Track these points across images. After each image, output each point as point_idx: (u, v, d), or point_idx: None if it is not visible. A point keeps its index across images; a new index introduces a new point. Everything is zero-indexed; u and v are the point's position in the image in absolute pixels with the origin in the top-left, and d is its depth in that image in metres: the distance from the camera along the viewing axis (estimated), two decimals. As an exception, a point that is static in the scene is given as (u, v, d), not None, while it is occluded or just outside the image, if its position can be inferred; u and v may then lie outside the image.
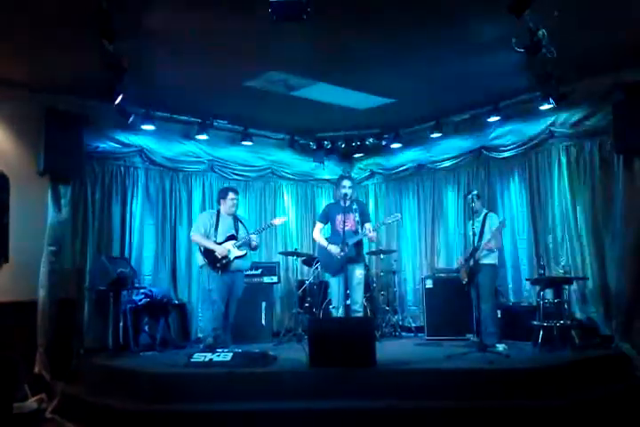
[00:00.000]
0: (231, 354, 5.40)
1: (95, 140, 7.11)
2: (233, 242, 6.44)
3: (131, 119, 6.50)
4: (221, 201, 6.67)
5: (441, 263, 8.45)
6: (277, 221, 7.14)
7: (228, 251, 6.37)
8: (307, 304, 7.82)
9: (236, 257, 6.42)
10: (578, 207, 6.95)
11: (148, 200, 7.72)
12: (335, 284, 6.39)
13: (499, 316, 6.82)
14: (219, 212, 6.66)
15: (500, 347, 6.07)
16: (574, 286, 6.73)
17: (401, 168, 9.09)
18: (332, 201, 6.91)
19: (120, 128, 7.20)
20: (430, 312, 7.51)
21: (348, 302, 6.04)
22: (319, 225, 6.69)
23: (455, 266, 7.55)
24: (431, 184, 8.79)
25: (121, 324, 6.57)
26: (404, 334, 8.06)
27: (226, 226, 6.54)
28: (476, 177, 8.17)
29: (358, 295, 6.31)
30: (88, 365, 6.14)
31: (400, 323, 8.29)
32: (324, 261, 6.63)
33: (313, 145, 9.10)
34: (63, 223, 6.65)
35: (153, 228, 7.69)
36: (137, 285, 6.96)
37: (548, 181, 7.32)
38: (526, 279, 7.20)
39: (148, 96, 6.95)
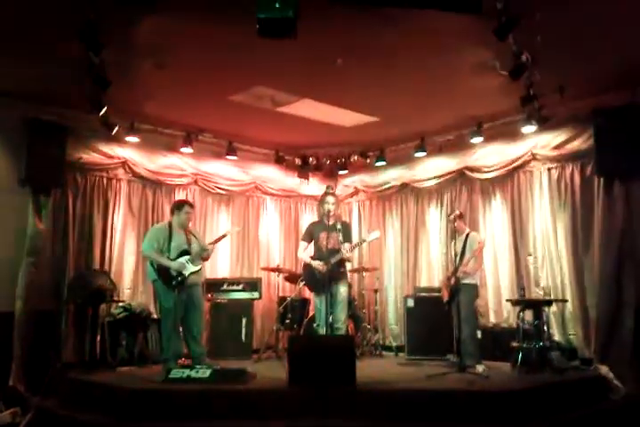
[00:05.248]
0: (210, 371, 5.34)
1: (78, 150, 7.07)
2: (187, 257, 6.11)
3: (114, 131, 6.49)
4: (175, 212, 6.29)
5: (423, 282, 8.47)
6: (231, 231, 7.08)
7: (184, 267, 6.09)
8: (287, 321, 7.77)
9: (192, 273, 6.15)
10: (558, 229, 7.03)
11: (130, 213, 7.67)
12: (319, 302, 6.39)
13: (479, 336, 6.83)
14: (170, 225, 6.28)
15: (480, 368, 6.07)
16: (554, 308, 6.78)
17: (385, 186, 9.13)
18: (316, 219, 6.92)
19: (104, 139, 7.17)
20: (411, 332, 7.50)
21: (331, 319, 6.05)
22: (303, 245, 6.69)
23: (437, 285, 7.56)
24: (415, 203, 8.84)
25: (98, 338, 6.47)
26: (384, 352, 8.04)
27: (179, 240, 6.19)
28: (459, 197, 8.23)
29: (341, 313, 6.31)
30: (64, 379, 6.02)
31: (381, 342, 8.27)
32: (309, 280, 6.62)
33: (298, 161, 9.13)
34: (43, 234, 6.58)
35: (134, 241, 7.63)
36: (116, 298, 6.87)
37: (529, 202, 7.41)
38: (506, 300, 7.23)
39: (133, 108, 6.95)
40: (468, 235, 6.66)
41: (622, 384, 5.83)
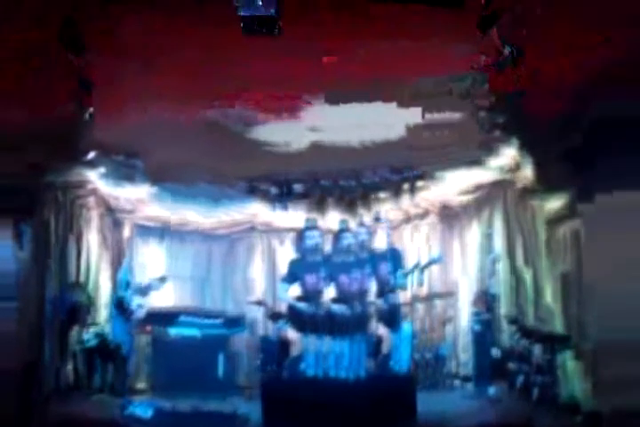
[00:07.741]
0: (151, 410, 5.01)
1: (57, 171, 6.80)
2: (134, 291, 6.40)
3: (90, 157, 6.32)
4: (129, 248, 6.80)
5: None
6: (166, 278, 7.05)
7: (132, 298, 6.27)
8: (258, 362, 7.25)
9: (139, 305, 6.31)
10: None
11: (105, 243, 7.40)
12: (308, 343, 6.17)
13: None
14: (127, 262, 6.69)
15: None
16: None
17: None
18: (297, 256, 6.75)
19: (79, 162, 6.91)
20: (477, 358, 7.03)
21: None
22: (286, 286, 6.49)
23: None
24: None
25: (70, 366, 6.08)
26: (456, 381, 7.51)
27: (129, 275, 6.61)
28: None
29: (404, 352, 6.04)
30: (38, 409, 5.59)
31: (453, 370, 7.72)
32: (296, 322, 6.43)
33: (275, 190, 8.87)
34: (25, 270, 6.04)
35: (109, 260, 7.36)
36: (90, 320, 6.52)
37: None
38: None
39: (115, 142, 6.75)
40: None
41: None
